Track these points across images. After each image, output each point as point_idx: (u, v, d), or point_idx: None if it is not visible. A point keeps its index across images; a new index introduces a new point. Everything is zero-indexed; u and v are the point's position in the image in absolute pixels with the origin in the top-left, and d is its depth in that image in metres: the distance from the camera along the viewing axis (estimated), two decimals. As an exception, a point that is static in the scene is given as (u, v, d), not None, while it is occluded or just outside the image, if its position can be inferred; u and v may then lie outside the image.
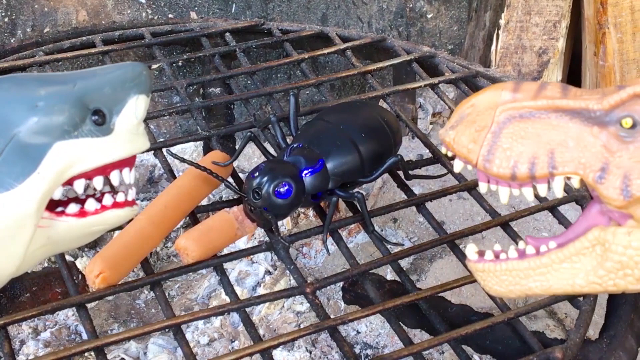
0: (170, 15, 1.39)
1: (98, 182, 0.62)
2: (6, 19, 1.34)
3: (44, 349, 1.07)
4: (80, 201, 0.64)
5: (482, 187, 0.61)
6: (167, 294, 1.16)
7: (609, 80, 1.39)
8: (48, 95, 0.60)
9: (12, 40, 1.35)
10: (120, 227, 0.83)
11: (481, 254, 0.62)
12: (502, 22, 1.41)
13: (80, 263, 1.17)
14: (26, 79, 0.62)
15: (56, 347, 1.07)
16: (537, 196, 0.81)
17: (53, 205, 0.64)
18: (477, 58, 1.46)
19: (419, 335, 1.03)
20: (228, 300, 0.78)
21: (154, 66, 1.12)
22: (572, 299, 0.79)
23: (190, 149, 1.42)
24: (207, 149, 1.31)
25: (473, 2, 1.49)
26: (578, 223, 0.60)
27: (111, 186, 0.66)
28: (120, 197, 0.65)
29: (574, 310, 0.78)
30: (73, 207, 0.63)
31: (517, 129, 0.57)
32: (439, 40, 1.51)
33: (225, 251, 0.87)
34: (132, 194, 0.66)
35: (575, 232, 0.60)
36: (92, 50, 1.14)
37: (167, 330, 0.75)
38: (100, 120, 0.61)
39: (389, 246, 0.85)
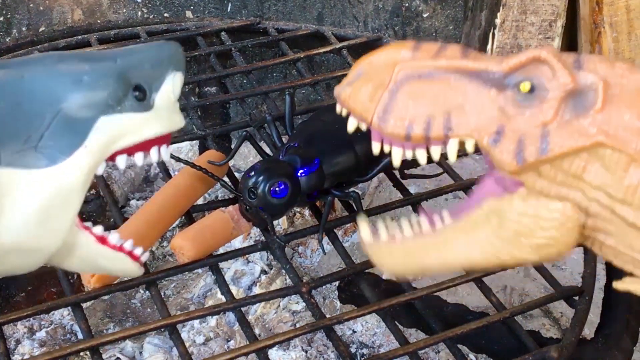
0: (165, 14, 1.39)
1: (139, 158, 0.63)
2: (1, 18, 1.34)
3: (39, 348, 1.07)
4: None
5: (375, 148, 0.58)
6: (162, 294, 1.16)
7: (605, 79, 1.40)
8: (92, 70, 0.60)
9: (7, 39, 1.34)
10: (115, 227, 0.83)
11: (375, 233, 0.60)
12: (497, 21, 1.41)
13: (75, 262, 1.17)
14: (69, 55, 0.62)
15: (51, 347, 1.07)
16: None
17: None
18: (472, 57, 1.46)
19: (414, 335, 1.03)
20: (224, 299, 0.78)
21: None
22: (568, 298, 0.79)
23: (186, 148, 1.42)
24: (202, 148, 1.31)
25: (469, 2, 1.49)
26: (473, 194, 0.58)
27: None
28: (137, 251, 0.66)
29: (570, 310, 0.78)
30: (98, 229, 0.64)
31: (415, 88, 0.55)
32: (435, 40, 1.51)
33: (221, 250, 0.87)
34: (145, 256, 0.68)
35: (470, 203, 0.58)
36: (88, 50, 1.14)
37: (162, 329, 0.75)
38: (140, 95, 0.62)
39: (384, 245, 0.85)
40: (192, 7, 1.40)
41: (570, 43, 1.48)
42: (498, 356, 0.85)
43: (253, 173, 0.78)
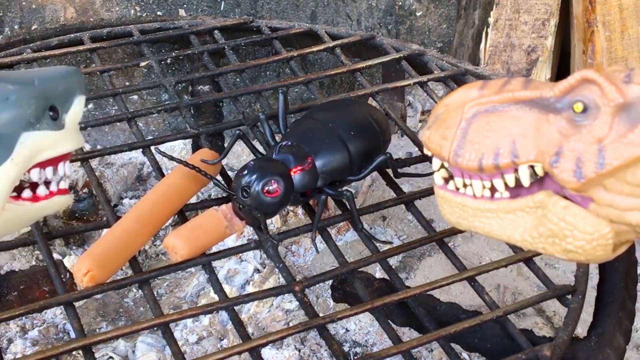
0: (158, 13, 1.39)
1: (49, 171, 0.69)
2: (-7, 16, 1.34)
3: (31, 347, 1.07)
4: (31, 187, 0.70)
5: (458, 182, 0.63)
6: (155, 293, 1.16)
7: (598, 78, 1.40)
8: (17, 89, 0.66)
9: (-1, 38, 1.34)
10: (108, 225, 0.83)
11: (447, 181, 0.64)
12: (491, 20, 1.41)
13: (68, 261, 1.17)
14: None
15: (44, 346, 1.07)
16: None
17: None
18: (466, 56, 1.47)
19: (407, 334, 1.03)
20: (217, 298, 0.78)
21: (142, 64, 1.12)
22: (561, 297, 0.79)
23: (179, 147, 1.42)
24: (195, 147, 1.31)
25: (462, 0, 1.49)
26: (535, 183, 0.62)
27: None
28: (62, 185, 0.71)
29: (563, 308, 0.78)
30: (27, 192, 0.69)
31: (483, 122, 0.60)
32: (428, 39, 1.51)
33: (214, 249, 0.87)
34: (65, 184, 0.73)
35: (529, 190, 0.61)
36: (80, 48, 1.13)
37: (155, 328, 0.75)
38: (55, 115, 0.68)
39: (377, 244, 0.85)
40: (185, 6, 1.39)
41: (563, 42, 1.49)
42: (491, 355, 0.85)
43: (246, 172, 0.78)
